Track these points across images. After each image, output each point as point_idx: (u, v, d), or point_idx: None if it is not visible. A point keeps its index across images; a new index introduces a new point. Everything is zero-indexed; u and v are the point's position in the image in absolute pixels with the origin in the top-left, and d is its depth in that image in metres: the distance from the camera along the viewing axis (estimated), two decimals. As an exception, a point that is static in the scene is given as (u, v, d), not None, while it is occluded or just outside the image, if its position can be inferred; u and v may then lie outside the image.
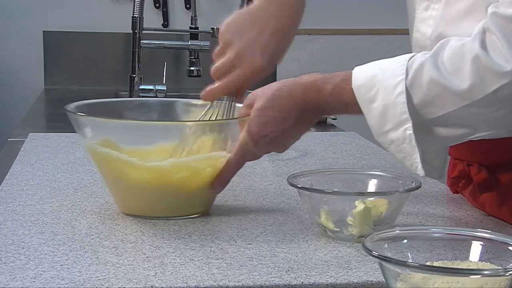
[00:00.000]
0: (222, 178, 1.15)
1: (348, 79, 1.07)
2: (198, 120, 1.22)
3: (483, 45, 0.99)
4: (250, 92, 1.17)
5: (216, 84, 1.19)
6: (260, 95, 1.12)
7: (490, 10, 1.00)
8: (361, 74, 1.06)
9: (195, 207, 1.16)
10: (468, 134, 1.05)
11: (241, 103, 1.18)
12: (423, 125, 1.04)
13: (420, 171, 1.05)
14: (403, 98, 1.02)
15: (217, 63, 1.19)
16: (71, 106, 1.16)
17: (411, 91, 1.02)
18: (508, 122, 1.04)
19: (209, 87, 1.20)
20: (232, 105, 1.19)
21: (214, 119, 1.18)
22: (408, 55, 1.05)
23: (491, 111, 1.01)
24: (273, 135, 1.12)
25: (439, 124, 1.04)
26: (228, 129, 1.15)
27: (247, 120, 1.12)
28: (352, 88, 1.06)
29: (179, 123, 1.22)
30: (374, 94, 1.04)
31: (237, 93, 1.20)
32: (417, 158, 1.04)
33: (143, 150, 1.13)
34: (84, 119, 1.13)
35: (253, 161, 1.20)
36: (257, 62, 1.17)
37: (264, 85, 1.15)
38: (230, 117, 1.18)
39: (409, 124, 1.02)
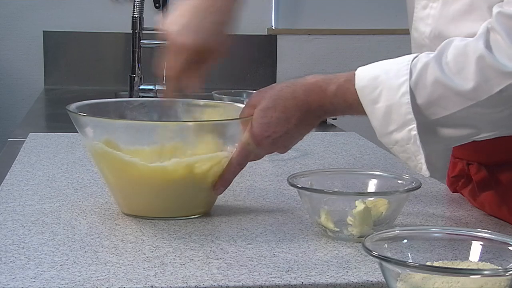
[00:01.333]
0: (224, 179, 1.15)
1: (352, 79, 1.07)
2: (201, 120, 1.22)
3: (488, 45, 0.99)
4: (248, 93, 1.17)
5: (167, 80, 1.23)
6: (263, 96, 1.12)
7: (495, 9, 1.00)
8: (364, 75, 1.06)
9: (196, 208, 1.16)
10: (472, 135, 1.05)
11: (232, 100, 1.20)
12: (427, 126, 1.03)
13: (425, 171, 1.04)
14: (407, 99, 1.02)
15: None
16: (73, 106, 1.16)
17: (415, 92, 1.02)
18: None
19: (164, 87, 1.24)
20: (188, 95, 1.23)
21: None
22: (412, 55, 1.05)
23: (496, 111, 1.01)
24: (276, 136, 1.12)
25: (444, 124, 1.03)
26: (231, 129, 1.14)
27: (249, 120, 1.12)
28: (355, 89, 1.06)
29: (182, 123, 1.22)
30: (377, 95, 1.04)
31: (190, 82, 1.23)
32: (421, 158, 1.04)
33: (144, 150, 1.13)
34: (86, 119, 1.13)
35: (253, 161, 1.20)
36: (189, 43, 1.20)
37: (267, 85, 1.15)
38: (230, 117, 1.18)
39: (414, 125, 1.02)
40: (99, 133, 1.13)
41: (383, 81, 1.04)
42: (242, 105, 1.19)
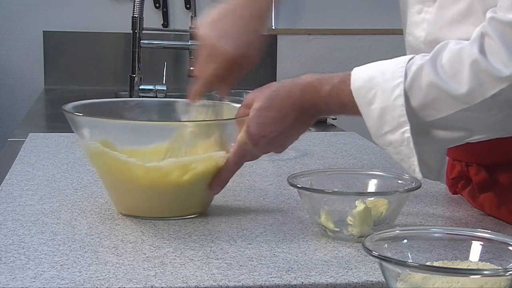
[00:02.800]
0: (220, 179, 1.15)
1: (347, 80, 1.07)
2: (197, 120, 1.22)
3: (482, 50, 0.99)
4: (248, 92, 1.17)
5: (197, 82, 1.21)
6: (259, 96, 1.12)
7: (488, 14, 1.00)
8: (360, 76, 1.06)
9: (193, 208, 1.16)
10: (465, 137, 1.06)
11: (232, 100, 1.20)
12: (421, 128, 1.04)
13: (418, 173, 1.05)
14: (401, 101, 1.02)
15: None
16: (69, 106, 1.16)
17: (409, 94, 1.02)
18: (505, 125, 1.04)
19: (192, 88, 1.22)
20: (222, 101, 1.21)
21: (206, 118, 1.19)
22: (407, 57, 1.05)
23: (489, 115, 1.01)
24: (272, 135, 1.12)
25: (437, 126, 1.04)
26: (227, 129, 1.14)
27: (245, 120, 1.12)
28: (351, 90, 1.06)
29: (179, 123, 1.22)
30: (372, 96, 1.04)
31: (221, 87, 1.22)
32: (414, 161, 1.04)
33: (141, 150, 1.13)
34: (82, 119, 1.13)
35: (253, 161, 1.20)
36: (228, 51, 1.18)
37: (263, 85, 1.15)
38: (226, 117, 1.18)
39: (407, 127, 1.02)
40: (95, 133, 1.13)
41: (378, 82, 1.04)
42: (238, 105, 1.19)
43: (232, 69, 1.20)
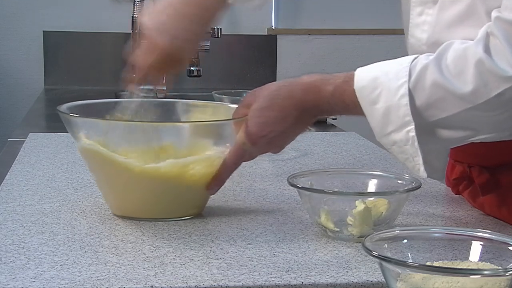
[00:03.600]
0: (218, 179, 1.15)
1: (350, 80, 1.07)
2: (196, 121, 1.22)
3: (487, 49, 0.99)
4: (248, 92, 1.17)
5: (136, 72, 1.22)
6: (259, 95, 1.12)
7: (494, 14, 1.00)
8: (363, 76, 1.06)
9: (190, 209, 1.15)
10: (470, 136, 1.05)
11: (231, 100, 1.20)
12: (425, 127, 1.04)
13: (422, 173, 1.05)
14: (406, 100, 1.02)
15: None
16: (63, 107, 1.15)
17: (414, 93, 1.02)
18: (510, 125, 1.04)
19: (130, 77, 1.23)
20: (156, 91, 1.23)
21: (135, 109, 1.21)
22: (411, 57, 1.05)
23: (494, 114, 1.01)
24: (273, 135, 1.12)
25: (442, 126, 1.04)
26: (225, 130, 1.14)
27: (244, 120, 1.12)
28: (354, 90, 1.06)
29: (173, 123, 1.21)
30: (377, 96, 1.04)
31: (156, 77, 1.24)
32: (419, 160, 1.04)
33: (138, 151, 1.12)
34: (78, 120, 1.12)
35: (254, 161, 1.20)
36: (162, 44, 1.19)
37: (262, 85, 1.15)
38: (225, 117, 1.18)
39: (412, 126, 1.02)
40: (91, 134, 1.12)
41: (382, 82, 1.04)
42: (235, 106, 1.18)
43: (166, 62, 1.21)
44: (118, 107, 1.22)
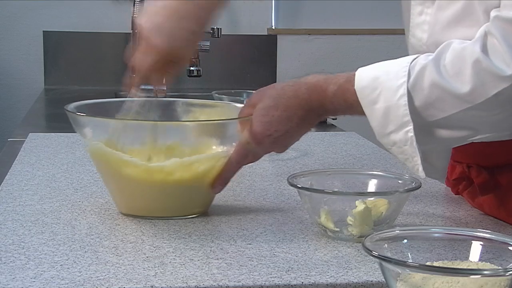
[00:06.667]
0: (222, 178, 1.15)
1: (352, 80, 1.07)
2: (200, 120, 1.22)
3: (484, 49, 0.99)
4: (248, 92, 1.17)
5: (136, 75, 1.21)
6: (264, 95, 1.12)
7: (492, 13, 1.00)
8: (364, 76, 1.06)
9: (194, 207, 1.16)
10: (469, 136, 1.06)
11: (232, 100, 1.19)
12: (424, 127, 1.04)
13: (421, 173, 1.05)
14: (405, 101, 1.02)
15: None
16: (71, 106, 1.16)
17: (412, 94, 1.02)
18: (509, 124, 1.04)
19: (130, 80, 1.23)
20: (157, 92, 1.23)
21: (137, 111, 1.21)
22: (411, 57, 1.05)
23: (492, 114, 1.02)
24: (277, 135, 1.12)
25: (441, 126, 1.04)
26: (230, 129, 1.14)
27: (249, 119, 1.12)
28: (355, 89, 1.06)
29: (181, 123, 1.22)
30: (377, 96, 1.04)
31: (157, 78, 1.23)
32: (418, 160, 1.04)
33: (143, 150, 1.13)
34: (85, 119, 1.13)
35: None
36: (158, 45, 1.18)
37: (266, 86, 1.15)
38: (229, 116, 1.18)
39: (411, 127, 1.03)
40: (98, 133, 1.13)
41: (382, 82, 1.04)
42: (240, 105, 1.18)
43: (166, 63, 1.20)
44: (121, 107, 1.23)
